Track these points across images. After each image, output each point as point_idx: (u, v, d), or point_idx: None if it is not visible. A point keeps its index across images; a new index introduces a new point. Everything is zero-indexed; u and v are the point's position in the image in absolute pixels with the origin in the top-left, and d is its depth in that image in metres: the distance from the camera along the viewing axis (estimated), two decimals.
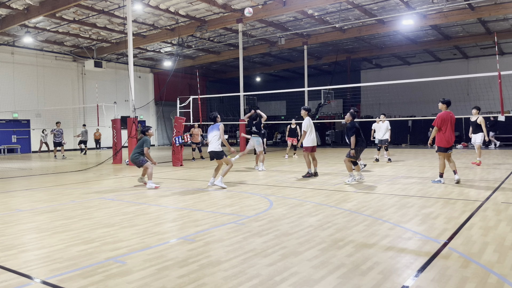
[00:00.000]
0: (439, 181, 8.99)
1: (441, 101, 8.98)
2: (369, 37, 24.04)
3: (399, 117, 25.11)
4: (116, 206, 7.04)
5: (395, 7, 18.29)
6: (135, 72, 23.46)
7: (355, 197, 7.55)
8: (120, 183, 10.28)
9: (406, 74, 28.99)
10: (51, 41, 22.94)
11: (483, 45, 25.43)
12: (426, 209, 6.33)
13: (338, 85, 21.41)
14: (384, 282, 3.42)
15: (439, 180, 9.00)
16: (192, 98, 17.36)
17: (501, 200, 6.95)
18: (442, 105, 8.97)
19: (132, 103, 15.20)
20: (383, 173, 11.17)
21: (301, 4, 16.88)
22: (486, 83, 19.13)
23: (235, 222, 5.66)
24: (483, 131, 12.48)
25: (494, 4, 17.39)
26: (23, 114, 23.88)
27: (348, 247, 4.39)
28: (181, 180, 10.62)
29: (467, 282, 3.40)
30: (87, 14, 18.18)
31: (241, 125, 21.25)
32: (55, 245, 4.66)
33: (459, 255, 4.06)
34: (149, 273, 3.72)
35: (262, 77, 36.22)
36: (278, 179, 10.29)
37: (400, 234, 4.91)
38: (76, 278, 3.63)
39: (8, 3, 16.37)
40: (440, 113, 8.87)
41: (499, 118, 9.62)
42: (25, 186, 9.77)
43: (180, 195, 8.23)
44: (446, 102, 8.94)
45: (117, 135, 16.27)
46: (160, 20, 19.74)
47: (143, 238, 4.90)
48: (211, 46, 25.72)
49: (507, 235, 4.77)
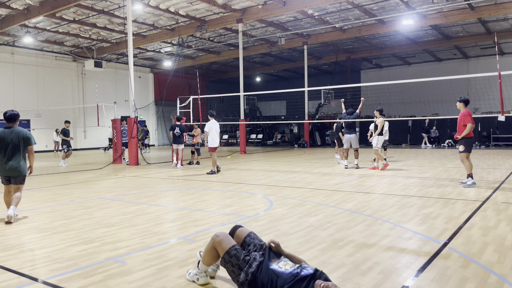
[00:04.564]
0: (474, 184, 8.39)
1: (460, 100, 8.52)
2: (369, 37, 24.04)
3: (399, 117, 25.11)
4: (116, 206, 7.04)
5: (395, 7, 18.29)
6: (135, 72, 23.43)
7: (355, 197, 7.54)
8: (120, 183, 10.28)
9: (406, 74, 28.99)
10: (51, 41, 22.94)
11: (483, 45, 25.42)
12: (426, 209, 6.33)
13: (338, 85, 21.41)
14: (384, 282, 3.42)
15: (474, 183, 8.39)
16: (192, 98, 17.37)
17: (501, 200, 6.95)
18: (461, 104, 8.52)
19: (132, 103, 15.20)
20: (383, 173, 11.17)
21: (301, 4, 16.88)
22: (486, 83, 19.15)
23: (235, 222, 5.66)
24: (382, 133, 11.89)
25: (494, 4, 17.39)
26: (23, 114, 23.72)
27: (348, 247, 4.39)
28: (181, 180, 10.62)
29: (467, 282, 3.40)
30: (87, 14, 18.18)
31: (241, 125, 21.28)
32: (55, 245, 4.66)
33: (459, 255, 4.06)
34: (149, 273, 3.72)
35: (262, 77, 36.22)
36: (278, 179, 10.30)
37: (400, 234, 4.91)
38: (76, 278, 3.63)
39: (8, 3, 16.37)
40: (466, 111, 8.40)
41: (499, 118, 9.55)
42: (25, 186, 9.74)
43: (180, 195, 8.23)
44: (464, 101, 8.51)
45: (117, 135, 16.27)
46: (160, 20, 19.74)
47: (143, 238, 4.90)
48: (211, 46, 25.72)
49: (507, 235, 4.77)
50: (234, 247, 3.19)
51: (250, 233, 3.43)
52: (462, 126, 8.42)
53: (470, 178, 8.46)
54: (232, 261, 3.12)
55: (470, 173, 8.46)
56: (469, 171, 8.45)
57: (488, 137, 23.40)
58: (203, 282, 3.43)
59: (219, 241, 3.24)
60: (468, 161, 8.45)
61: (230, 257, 3.13)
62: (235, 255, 3.14)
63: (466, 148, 8.42)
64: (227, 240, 3.26)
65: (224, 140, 31.74)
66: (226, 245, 3.21)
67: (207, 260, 3.38)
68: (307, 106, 25.32)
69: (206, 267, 3.44)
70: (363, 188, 8.64)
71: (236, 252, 3.15)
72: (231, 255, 3.14)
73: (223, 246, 3.21)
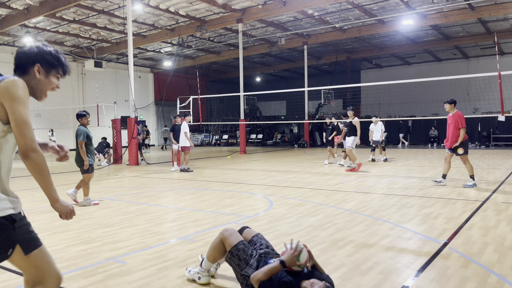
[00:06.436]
0: (475, 185, 8.40)
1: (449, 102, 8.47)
2: (369, 37, 24.03)
3: (399, 117, 25.11)
4: (116, 206, 7.04)
5: (395, 7, 18.29)
6: (135, 72, 23.46)
7: (355, 197, 7.55)
8: (120, 183, 10.29)
9: (406, 74, 28.97)
10: (51, 41, 22.91)
11: (483, 45, 25.42)
12: (426, 209, 6.33)
13: (338, 85, 21.41)
14: (384, 282, 3.42)
15: (474, 184, 8.40)
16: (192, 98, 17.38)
17: (501, 200, 6.95)
18: (450, 105, 8.47)
19: (132, 103, 15.20)
20: (383, 173, 11.18)
21: (301, 4, 16.87)
22: (486, 83, 19.14)
23: (235, 222, 5.66)
24: (356, 134, 11.78)
25: (494, 4, 17.38)
26: None
27: (348, 247, 4.39)
28: (181, 180, 10.63)
29: (467, 282, 3.40)
30: (87, 14, 18.17)
31: (241, 125, 21.28)
32: (55, 245, 4.66)
33: (459, 255, 4.06)
34: (149, 273, 3.72)
35: (262, 77, 36.21)
36: (278, 179, 10.30)
37: (400, 234, 4.91)
38: (76, 278, 3.63)
39: (8, 3, 16.37)
40: (459, 113, 8.37)
41: (499, 118, 9.55)
42: (25, 186, 9.76)
43: (180, 195, 8.23)
44: (454, 102, 8.47)
45: (117, 135, 16.26)
46: (160, 20, 19.74)
47: (143, 238, 4.90)
48: (211, 46, 25.72)
49: (507, 235, 4.77)
50: (242, 242, 3.20)
51: (258, 234, 3.44)
52: (457, 129, 8.34)
53: (472, 179, 8.47)
54: (239, 255, 3.11)
55: (472, 174, 8.48)
56: (471, 172, 8.47)
57: (488, 137, 23.38)
58: (205, 281, 3.41)
59: (228, 235, 3.24)
60: (469, 162, 8.48)
61: (238, 250, 3.13)
62: (242, 249, 3.14)
63: (465, 150, 8.42)
64: (235, 234, 3.27)
65: (224, 140, 31.77)
66: (234, 239, 3.21)
67: (214, 256, 3.36)
68: (307, 106, 25.32)
69: (210, 265, 3.42)
70: (363, 188, 8.64)
71: (244, 247, 3.16)
72: (238, 248, 3.14)
73: (230, 240, 3.21)
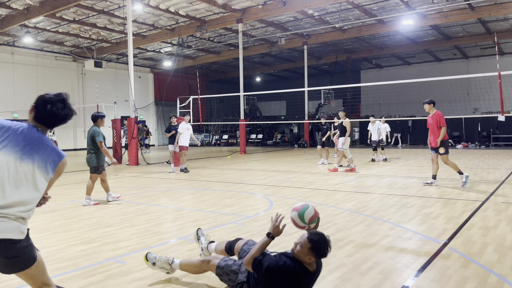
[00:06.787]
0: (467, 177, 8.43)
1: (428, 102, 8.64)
2: (369, 37, 24.03)
3: (399, 117, 25.11)
4: (116, 206, 7.04)
5: (395, 7, 18.29)
6: (135, 72, 23.42)
7: (355, 197, 7.55)
8: (120, 183, 10.29)
9: (406, 74, 28.97)
10: (51, 41, 22.93)
11: (483, 45, 25.41)
12: (426, 209, 6.33)
13: (338, 85, 21.42)
14: (384, 282, 3.42)
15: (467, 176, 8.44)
16: (192, 98, 17.38)
17: (501, 200, 6.95)
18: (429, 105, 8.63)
19: (132, 103, 15.19)
20: (383, 173, 11.18)
21: (301, 4, 16.87)
22: (486, 83, 19.14)
23: (235, 222, 5.66)
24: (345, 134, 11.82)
25: (494, 4, 17.38)
26: (23, 114, 23.79)
27: (348, 247, 4.39)
28: (181, 180, 10.63)
29: (467, 282, 3.40)
30: (87, 14, 18.17)
31: (241, 125, 21.28)
32: (55, 245, 4.66)
33: (459, 255, 4.06)
34: (149, 273, 3.72)
35: (262, 77, 36.21)
36: (278, 179, 10.30)
37: (400, 234, 4.91)
38: (76, 278, 3.63)
39: (8, 3, 16.37)
40: (439, 113, 8.54)
41: (499, 118, 9.56)
42: None
43: (180, 195, 8.23)
44: (433, 102, 8.68)
45: (117, 135, 16.26)
46: (160, 20, 19.74)
47: (143, 238, 4.90)
48: (211, 46, 25.71)
49: (507, 235, 4.77)
50: (222, 259, 3.32)
51: (248, 241, 3.54)
52: (438, 128, 8.45)
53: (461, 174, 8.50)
54: (225, 271, 3.25)
55: (459, 170, 8.53)
56: (457, 169, 8.51)
57: (488, 137, 23.37)
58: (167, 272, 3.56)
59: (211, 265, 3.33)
60: (450, 161, 8.54)
61: (221, 268, 3.26)
62: (225, 265, 3.27)
63: (446, 150, 8.49)
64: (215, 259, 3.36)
65: (224, 140, 31.78)
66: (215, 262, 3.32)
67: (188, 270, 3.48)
68: (307, 106, 25.31)
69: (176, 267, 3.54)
70: (363, 188, 8.64)
71: (225, 262, 3.29)
72: (221, 266, 3.27)
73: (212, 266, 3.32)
